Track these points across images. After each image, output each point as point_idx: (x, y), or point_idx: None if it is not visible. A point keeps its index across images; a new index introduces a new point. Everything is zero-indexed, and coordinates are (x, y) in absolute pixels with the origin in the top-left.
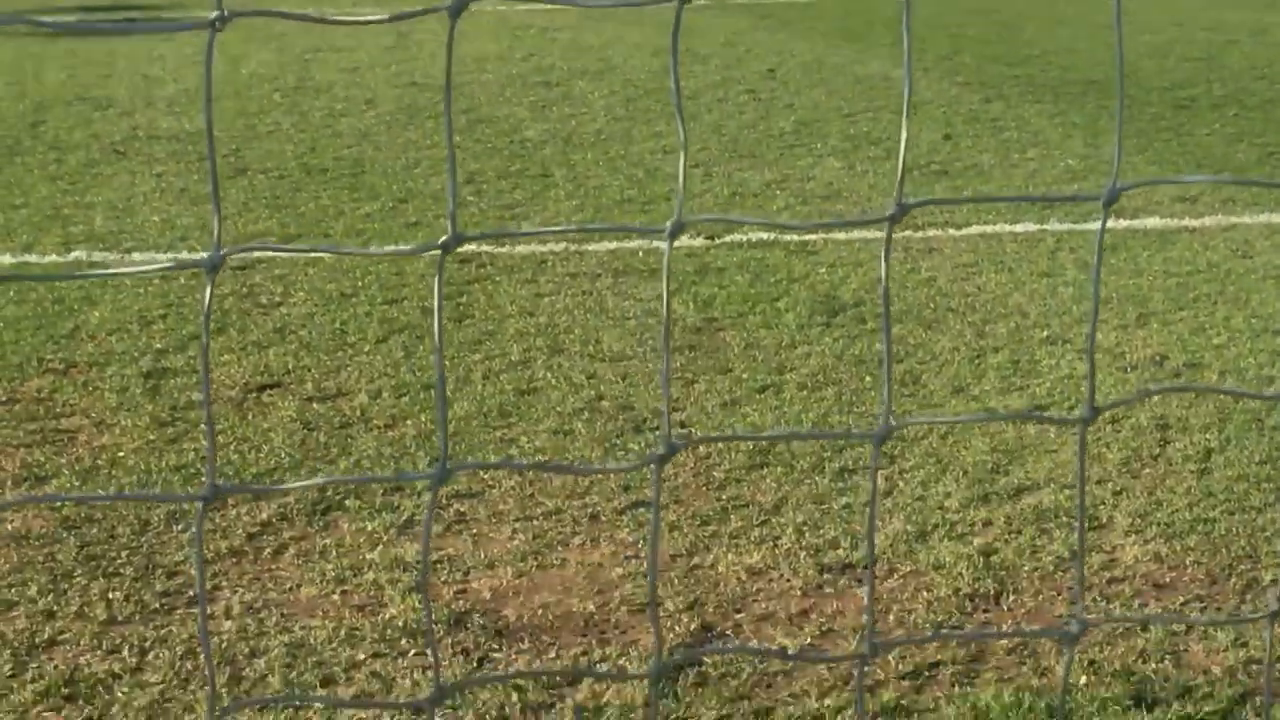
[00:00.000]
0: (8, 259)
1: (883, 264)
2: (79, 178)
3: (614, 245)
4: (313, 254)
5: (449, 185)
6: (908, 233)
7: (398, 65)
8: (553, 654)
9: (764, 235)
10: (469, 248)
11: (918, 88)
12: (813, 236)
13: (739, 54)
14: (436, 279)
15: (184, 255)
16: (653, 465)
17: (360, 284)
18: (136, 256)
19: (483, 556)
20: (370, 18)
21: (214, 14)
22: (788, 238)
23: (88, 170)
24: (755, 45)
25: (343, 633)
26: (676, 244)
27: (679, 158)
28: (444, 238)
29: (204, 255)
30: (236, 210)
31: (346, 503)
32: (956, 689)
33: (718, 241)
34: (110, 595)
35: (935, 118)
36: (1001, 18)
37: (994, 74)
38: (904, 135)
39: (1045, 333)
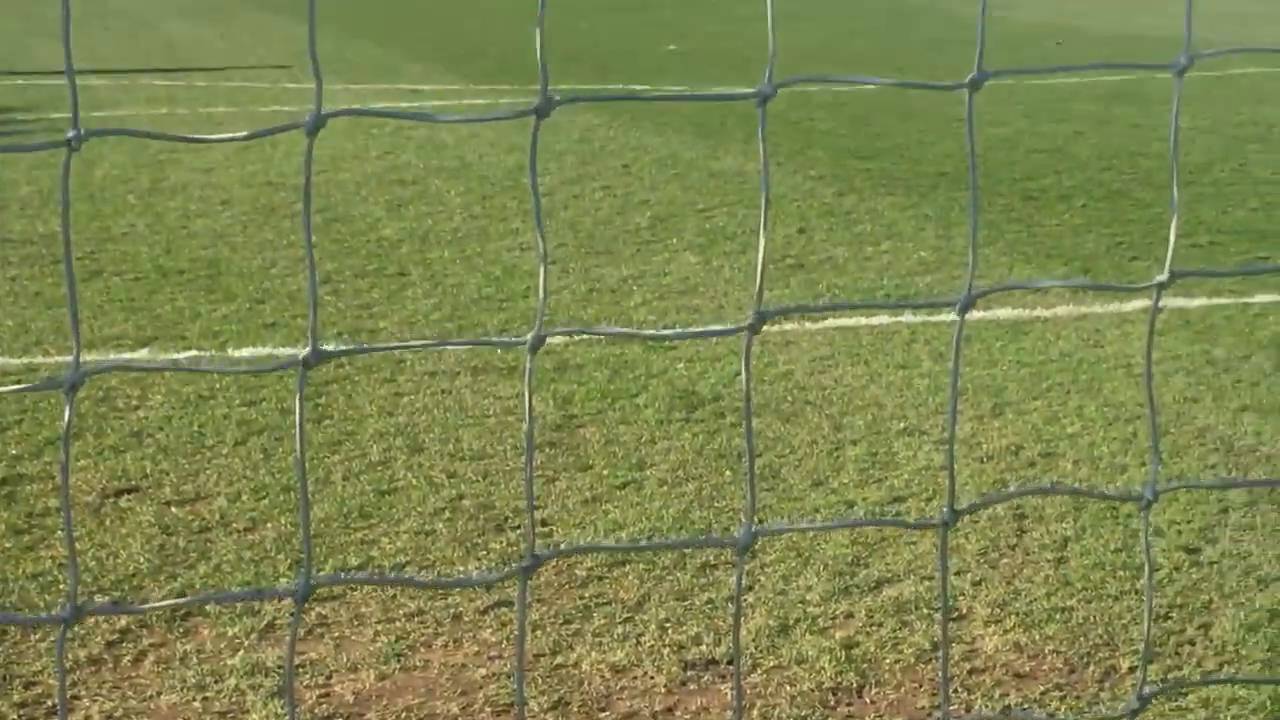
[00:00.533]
0: None
1: (743, 370)
2: None
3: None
4: (171, 362)
5: (309, 297)
6: (764, 327)
7: (252, 165)
8: None
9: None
10: (328, 347)
11: (772, 182)
12: (670, 331)
13: (594, 150)
14: (298, 395)
15: (39, 360)
16: (519, 576)
17: (218, 386)
18: None
19: (345, 660)
20: (229, 135)
21: (70, 133)
22: (645, 331)
23: None
24: (610, 141)
25: None
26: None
27: (535, 255)
28: (304, 353)
29: (63, 362)
30: (92, 313)
31: (207, 608)
32: None
33: (576, 338)
34: None
35: (790, 212)
36: (852, 111)
37: (847, 167)
38: (762, 243)
39: (902, 424)
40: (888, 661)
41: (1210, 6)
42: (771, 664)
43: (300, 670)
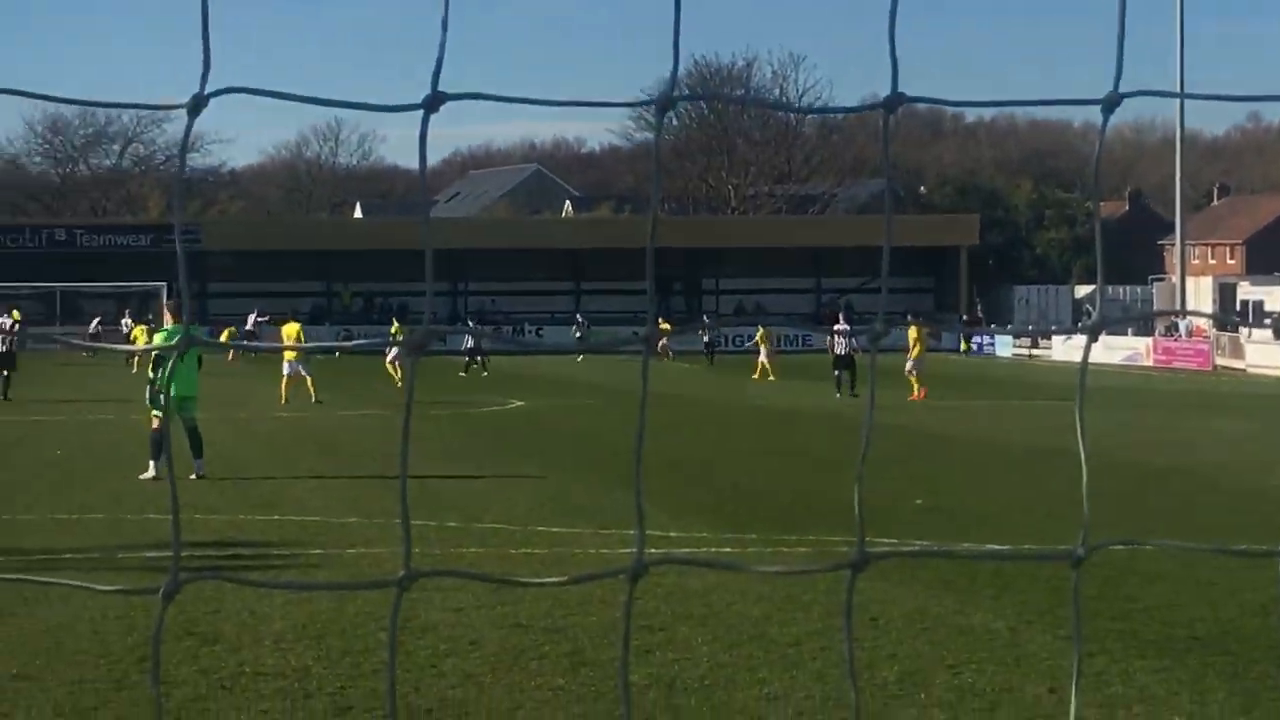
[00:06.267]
0: None
1: None
2: (185, 713)
3: None
4: None
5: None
6: None
7: (504, 607)
8: None
9: None
10: None
11: (1021, 640)
12: None
13: (841, 601)
14: None
15: None
16: None
17: None
18: None
19: None
20: (549, 580)
21: (401, 573)
22: None
23: (194, 705)
24: (857, 594)
25: None
26: None
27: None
28: None
29: None
30: None
31: None
32: None
33: None
34: None
35: (1040, 670)
36: (1103, 572)
37: (1098, 628)
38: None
39: None
40: None
41: None
42: None
43: None
